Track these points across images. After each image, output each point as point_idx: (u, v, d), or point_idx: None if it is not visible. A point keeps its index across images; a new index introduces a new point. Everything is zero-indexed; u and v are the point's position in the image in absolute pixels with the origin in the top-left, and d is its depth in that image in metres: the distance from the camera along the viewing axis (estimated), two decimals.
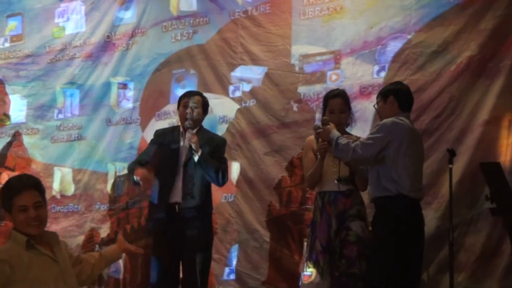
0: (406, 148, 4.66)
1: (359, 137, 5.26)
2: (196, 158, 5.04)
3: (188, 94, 5.35)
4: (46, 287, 3.46)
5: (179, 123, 5.37)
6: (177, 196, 5.06)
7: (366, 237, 5.04)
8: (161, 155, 5.25)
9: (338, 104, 5.13)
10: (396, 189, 4.65)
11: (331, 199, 5.07)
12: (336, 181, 5.04)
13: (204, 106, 5.32)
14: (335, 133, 4.86)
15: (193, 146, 5.00)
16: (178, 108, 5.38)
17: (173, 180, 5.11)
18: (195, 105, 5.22)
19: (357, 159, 4.80)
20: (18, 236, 3.48)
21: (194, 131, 5.09)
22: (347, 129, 5.32)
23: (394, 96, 4.93)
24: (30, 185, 3.50)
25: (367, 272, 4.96)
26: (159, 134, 5.48)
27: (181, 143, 5.17)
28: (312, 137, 5.37)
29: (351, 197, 5.05)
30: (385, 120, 4.82)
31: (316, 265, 5.12)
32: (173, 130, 5.41)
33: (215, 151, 5.17)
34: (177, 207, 5.10)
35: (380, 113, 5.03)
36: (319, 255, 5.10)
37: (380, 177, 4.79)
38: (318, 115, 5.76)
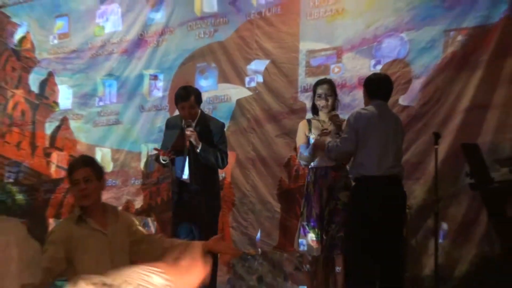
0: (368, 134, 4.69)
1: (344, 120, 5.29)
2: (198, 150, 5.15)
3: (183, 98, 5.27)
4: (90, 257, 3.42)
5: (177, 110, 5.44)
6: (186, 175, 5.22)
7: None
8: (172, 139, 5.35)
9: (325, 90, 5.22)
10: (358, 171, 4.75)
11: (322, 173, 5.19)
12: (327, 158, 5.10)
13: (198, 100, 5.33)
14: (328, 139, 4.97)
15: (193, 142, 5.09)
16: (176, 104, 5.35)
17: (183, 162, 5.23)
18: (191, 106, 5.21)
19: (341, 152, 4.87)
20: (75, 211, 3.52)
21: (194, 123, 5.16)
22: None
23: (364, 86, 5.01)
24: (82, 163, 3.55)
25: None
26: (168, 122, 5.59)
27: (186, 127, 5.19)
28: (304, 120, 5.47)
29: (340, 171, 5.14)
30: (349, 115, 4.91)
31: (314, 231, 5.22)
32: (180, 117, 5.43)
33: (215, 135, 5.28)
34: (186, 185, 5.26)
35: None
36: (316, 222, 5.22)
37: (351, 162, 4.88)
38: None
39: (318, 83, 5.38)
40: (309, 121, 5.38)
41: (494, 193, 4.97)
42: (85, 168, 3.49)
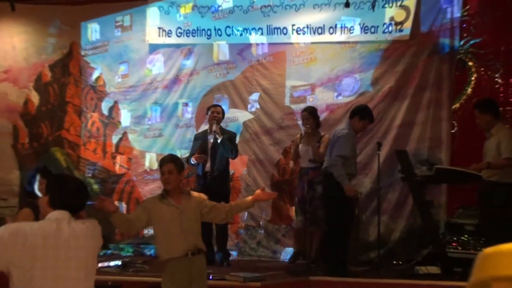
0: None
1: (324, 135, 5.37)
2: (219, 140, 5.26)
3: (214, 106, 5.52)
4: (165, 223, 3.47)
5: (208, 122, 5.53)
6: (208, 167, 5.32)
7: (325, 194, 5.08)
8: (197, 146, 5.48)
9: (304, 116, 5.33)
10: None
11: (304, 172, 5.26)
12: (308, 161, 5.23)
13: (223, 113, 5.52)
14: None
15: (217, 133, 5.22)
16: (207, 113, 5.48)
17: (205, 159, 5.39)
18: (218, 112, 5.42)
19: None
20: (161, 192, 3.56)
21: (218, 126, 5.30)
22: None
23: None
24: (168, 160, 3.57)
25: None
26: (196, 136, 5.70)
27: (208, 137, 5.35)
28: (298, 135, 5.51)
29: (317, 171, 5.19)
30: None
31: (297, 212, 5.37)
32: (203, 132, 5.58)
33: (230, 139, 5.39)
34: (208, 174, 5.34)
35: None
36: (297, 206, 5.36)
37: None
38: (300, 122, 5.88)
39: (302, 111, 5.42)
40: (301, 135, 5.45)
41: (417, 183, 5.02)
42: (169, 163, 3.51)
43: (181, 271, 3.46)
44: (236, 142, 5.67)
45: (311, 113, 5.37)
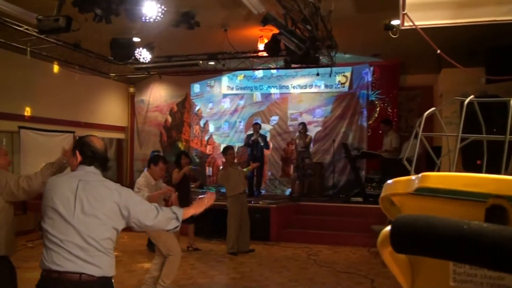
0: None
1: (309, 135, 5.40)
2: (259, 139, 5.43)
3: (256, 124, 5.68)
4: (233, 177, 3.75)
5: (252, 131, 5.59)
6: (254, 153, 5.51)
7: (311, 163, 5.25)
8: (248, 140, 5.63)
9: (302, 126, 5.38)
10: None
11: (299, 152, 5.29)
12: (301, 147, 5.30)
13: (260, 127, 5.65)
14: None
15: (256, 136, 5.42)
16: (253, 125, 5.69)
17: (253, 149, 5.52)
18: (258, 128, 5.57)
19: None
20: (234, 164, 3.87)
21: (257, 133, 5.51)
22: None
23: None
24: (228, 148, 3.95)
25: None
26: (247, 135, 5.79)
27: (252, 137, 5.49)
28: (296, 135, 5.43)
29: (306, 152, 5.31)
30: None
31: (294, 172, 5.38)
32: (250, 135, 5.68)
33: (264, 139, 5.58)
34: (254, 153, 5.50)
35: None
36: (295, 169, 5.38)
37: None
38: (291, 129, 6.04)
39: (300, 124, 5.59)
40: (297, 135, 5.50)
41: (352, 159, 5.26)
42: (230, 150, 3.94)
43: (240, 199, 3.78)
44: (268, 140, 5.90)
45: (304, 124, 5.63)
